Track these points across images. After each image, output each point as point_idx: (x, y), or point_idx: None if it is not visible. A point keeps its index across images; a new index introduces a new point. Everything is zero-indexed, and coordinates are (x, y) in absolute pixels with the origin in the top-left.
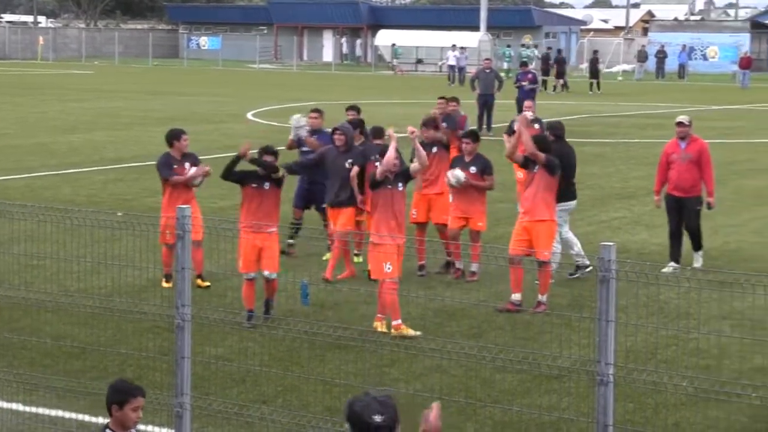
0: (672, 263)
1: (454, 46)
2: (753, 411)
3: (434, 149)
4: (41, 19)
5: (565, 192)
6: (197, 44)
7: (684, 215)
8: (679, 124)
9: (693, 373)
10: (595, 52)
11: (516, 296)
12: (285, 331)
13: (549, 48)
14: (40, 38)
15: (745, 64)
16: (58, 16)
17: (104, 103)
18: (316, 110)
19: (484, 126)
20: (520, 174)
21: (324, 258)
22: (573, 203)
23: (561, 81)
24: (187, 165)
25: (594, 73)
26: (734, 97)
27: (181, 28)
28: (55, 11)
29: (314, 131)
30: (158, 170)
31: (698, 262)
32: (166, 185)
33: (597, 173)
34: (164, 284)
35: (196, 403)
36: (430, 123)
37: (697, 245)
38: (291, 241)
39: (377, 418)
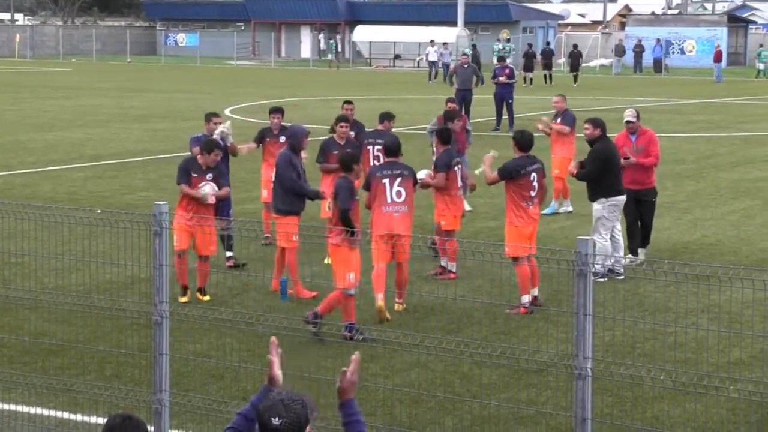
0: (629, 256)
1: (432, 41)
2: (731, 404)
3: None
4: (18, 16)
5: (614, 187)
6: (175, 41)
7: (641, 208)
8: (627, 122)
9: (671, 367)
10: (575, 46)
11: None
12: (264, 327)
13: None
14: (17, 36)
15: (718, 57)
16: (35, 13)
17: (82, 101)
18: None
19: None
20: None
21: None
22: (622, 198)
23: (530, 75)
24: (209, 176)
25: (574, 66)
26: (712, 90)
27: (159, 25)
28: (32, 8)
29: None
30: (178, 172)
31: (641, 256)
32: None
33: None
34: (180, 299)
35: (174, 400)
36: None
37: (645, 240)
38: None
39: (275, 421)
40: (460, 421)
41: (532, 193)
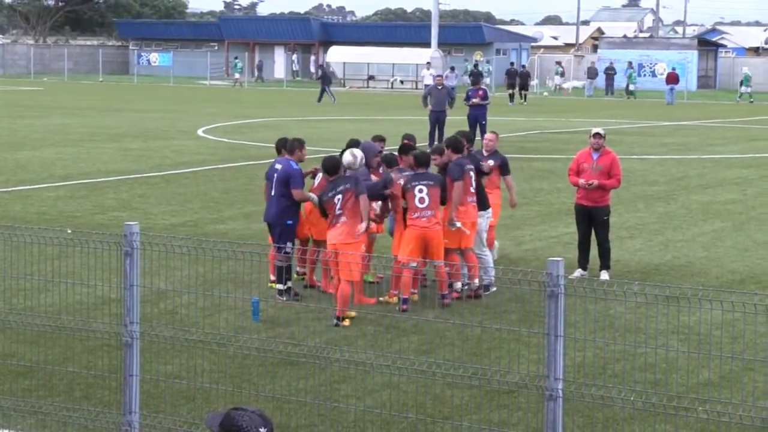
0: (579, 270)
1: (428, 64)
2: (701, 425)
3: None
4: None
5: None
6: (148, 60)
7: (593, 225)
8: (596, 135)
9: (642, 388)
10: (524, 66)
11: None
12: (236, 348)
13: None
14: None
15: (670, 79)
16: (6, 32)
17: (53, 120)
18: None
19: (436, 142)
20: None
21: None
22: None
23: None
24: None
25: (523, 86)
26: (683, 113)
27: (132, 44)
28: (3, 27)
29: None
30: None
31: (605, 276)
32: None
33: (546, 189)
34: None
35: (144, 422)
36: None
37: (605, 262)
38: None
39: (263, 430)
40: None
41: (471, 189)
